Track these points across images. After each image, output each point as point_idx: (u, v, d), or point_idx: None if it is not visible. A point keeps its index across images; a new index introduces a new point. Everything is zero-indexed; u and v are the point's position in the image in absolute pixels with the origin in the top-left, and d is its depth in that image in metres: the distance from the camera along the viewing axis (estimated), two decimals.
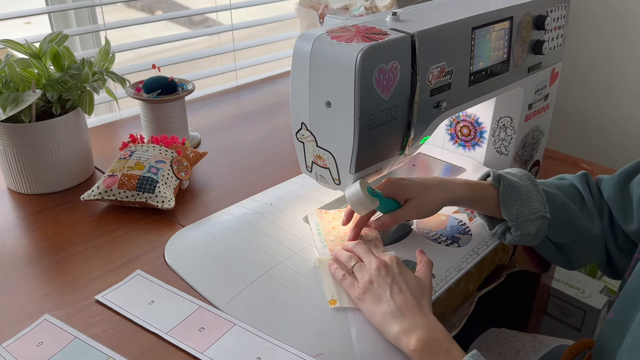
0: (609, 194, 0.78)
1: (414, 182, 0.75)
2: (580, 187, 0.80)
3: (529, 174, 0.78)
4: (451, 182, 0.76)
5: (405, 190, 0.74)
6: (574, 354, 0.85)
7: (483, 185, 0.77)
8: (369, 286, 0.65)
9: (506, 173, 0.78)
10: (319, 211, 0.85)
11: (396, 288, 0.64)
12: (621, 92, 1.60)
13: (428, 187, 0.75)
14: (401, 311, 0.62)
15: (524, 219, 0.74)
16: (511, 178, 0.76)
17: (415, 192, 0.74)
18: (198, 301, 0.68)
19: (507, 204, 0.75)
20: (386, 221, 0.75)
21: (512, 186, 0.75)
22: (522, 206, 0.74)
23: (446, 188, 0.75)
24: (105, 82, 0.92)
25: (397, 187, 0.74)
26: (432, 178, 0.77)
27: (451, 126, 1.00)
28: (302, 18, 1.31)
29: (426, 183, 0.75)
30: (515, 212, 0.74)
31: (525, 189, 0.75)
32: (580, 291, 1.38)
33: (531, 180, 0.77)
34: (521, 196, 0.74)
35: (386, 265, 0.66)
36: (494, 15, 0.78)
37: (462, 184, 0.76)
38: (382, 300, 0.63)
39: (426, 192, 0.74)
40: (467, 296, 0.81)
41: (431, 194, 0.74)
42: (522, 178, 0.77)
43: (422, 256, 0.71)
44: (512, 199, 0.74)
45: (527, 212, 0.74)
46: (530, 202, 0.74)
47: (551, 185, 0.80)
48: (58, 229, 0.83)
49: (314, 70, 0.67)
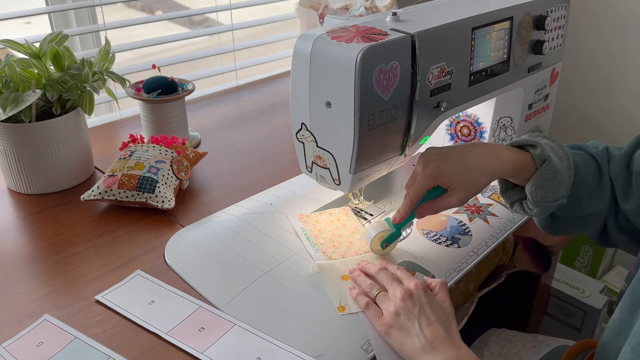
0: (614, 171, 0.75)
1: (453, 167, 0.70)
2: (601, 162, 0.76)
3: (568, 154, 0.74)
4: (496, 160, 0.71)
5: (444, 179, 0.70)
6: (575, 355, 0.85)
7: (526, 165, 0.72)
8: (396, 319, 0.63)
9: (552, 151, 0.72)
10: (300, 215, 0.84)
11: (424, 319, 0.62)
12: (621, 92, 1.60)
13: (468, 172, 0.70)
14: (432, 345, 0.61)
15: (545, 203, 0.72)
16: (555, 162, 0.71)
17: (456, 180, 0.70)
18: (198, 301, 0.68)
19: (538, 187, 0.71)
20: (426, 211, 0.72)
21: (552, 173, 0.71)
22: (550, 192, 0.71)
23: (488, 170, 0.70)
24: (105, 82, 0.91)
25: (436, 179, 0.70)
26: (476, 154, 0.71)
27: (451, 126, 1.00)
28: (302, 18, 1.31)
29: (467, 167, 0.70)
30: (541, 195, 0.71)
31: (561, 176, 0.71)
32: (580, 291, 1.38)
33: (569, 162, 0.73)
34: (554, 183, 0.71)
35: (411, 295, 0.65)
36: (494, 16, 0.78)
37: (508, 163, 0.71)
38: (411, 334, 0.62)
39: (467, 179, 0.70)
40: (468, 296, 0.81)
41: (472, 181, 0.70)
42: (562, 159, 0.73)
43: (433, 281, 0.69)
44: (545, 184, 0.71)
45: (551, 197, 0.71)
46: (559, 189, 0.71)
47: (577, 159, 0.76)
48: (58, 229, 0.83)
49: (314, 71, 0.67)
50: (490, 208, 0.89)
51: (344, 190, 0.74)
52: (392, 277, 0.69)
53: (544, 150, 0.72)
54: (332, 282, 0.72)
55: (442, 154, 0.71)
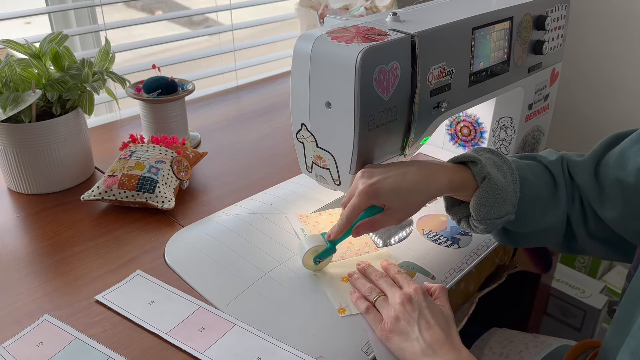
0: (583, 180, 0.73)
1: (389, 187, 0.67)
2: (556, 172, 0.75)
3: (513, 169, 0.72)
4: (433, 180, 0.69)
5: (380, 199, 0.68)
6: (577, 355, 0.85)
7: (465, 182, 0.70)
8: (396, 323, 0.63)
9: (494, 167, 0.71)
10: (300, 216, 0.84)
11: (424, 324, 0.62)
12: (621, 92, 1.60)
13: (405, 192, 0.68)
14: (432, 349, 0.60)
15: (490, 220, 0.70)
16: (496, 179, 0.69)
17: (392, 200, 0.68)
18: (198, 301, 0.68)
19: (480, 204, 0.69)
20: (362, 229, 0.70)
21: (494, 189, 0.69)
22: (494, 209, 0.69)
23: (425, 190, 0.69)
24: (105, 82, 0.91)
25: (372, 199, 0.68)
26: (412, 173, 0.69)
27: (451, 126, 1.00)
28: (302, 18, 1.31)
29: (403, 187, 0.68)
30: (484, 213, 0.70)
31: (505, 191, 0.70)
32: (580, 291, 1.38)
33: (514, 177, 0.71)
34: (497, 199, 0.69)
35: (411, 299, 0.65)
36: (494, 16, 0.78)
37: (444, 181, 0.69)
38: (411, 338, 0.62)
39: (403, 199, 0.68)
40: (468, 296, 0.81)
41: (408, 201, 0.69)
42: (507, 175, 0.71)
43: (432, 285, 0.69)
44: (488, 201, 0.69)
45: (496, 214, 0.70)
46: (503, 205, 0.70)
47: (527, 172, 0.74)
48: (58, 229, 0.83)
49: (314, 71, 0.67)
50: None
51: (344, 191, 0.74)
52: (392, 282, 0.69)
53: (483, 167, 0.70)
54: (332, 284, 0.71)
55: (378, 172, 0.69)
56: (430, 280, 0.74)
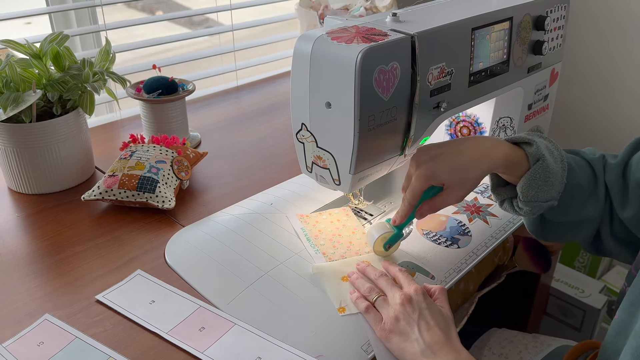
0: (610, 178, 0.75)
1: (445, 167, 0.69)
2: (597, 169, 0.76)
3: (563, 156, 0.73)
4: (489, 155, 0.70)
5: (439, 179, 0.70)
6: (577, 355, 0.85)
7: (519, 161, 0.71)
8: (395, 323, 0.64)
9: (547, 151, 0.72)
10: (300, 216, 0.85)
11: (424, 324, 0.63)
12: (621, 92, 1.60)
13: (462, 170, 0.69)
14: (432, 349, 0.61)
15: (536, 202, 0.71)
16: (549, 162, 0.70)
17: (451, 179, 0.69)
18: (198, 301, 0.69)
19: (530, 185, 0.70)
20: (425, 210, 0.72)
21: (545, 172, 0.70)
22: (542, 191, 0.71)
23: (482, 166, 0.70)
24: (105, 82, 0.92)
25: (430, 180, 0.69)
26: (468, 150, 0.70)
27: (451, 126, 1.00)
28: (302, 18, 1.31)
29: (460, 164, 0.69)
30: (532, 195, 0.71)
31: (554, 176, 0.71)
32: (580, 291, 1.38)
33: (563, 164, 0.72)
34: (547, 183, 0.70)
35: (411, 300, 0.65)
36: (493, 16, 0.78)
37: (499, 156, 0.70)
38: (411, 339, 0.62)
39: (461, 177, 0.69)
40: (467, 296, 0.81)
41: (467, 177, 0.70)
42: (557, 160, 0.72)
43: (432, 287, 0.69)
44: (537, 183, 0.70)
45: (542, 197, 0.71)
46: (551, 190, 0.71)
47: (572, 162, 0.75)
48: (58, 229, 0.83)
49: (314, 71, 0.67)
50: (490, 208, 0.89)
51: (344, 191, 0.74)
52: (391, 282, 0.69)
53: (539, 149, 0.71)
54: (332, 283, 0.72)
55: (434, 154, 0.70)
56: (430, 280, 0.74)
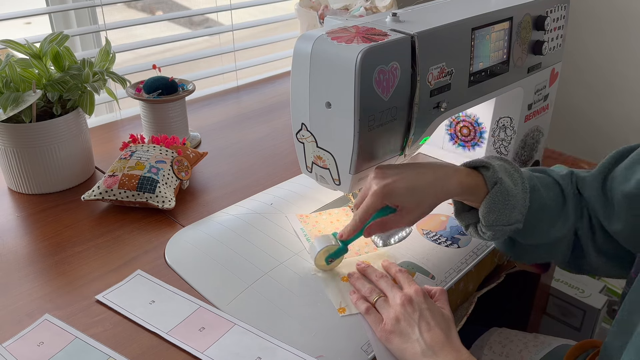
0: (590, 193, 0.74)
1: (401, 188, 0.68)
2: (565, 186, 0.75)
3: (523, 177, 0.73)
4: (445, 182, 0.70)
5: (393, 199, 0.69)
6: (577, 355, 0.85)
7: (476, 185, 0.71)
8: (396, 324, 0.64)
9: (505, 174, 0.72)
10: (300, 216, 0.85)
11: (424, 325, 0.63)
12: (621, 92, 1.60)
13: (417, 193, 0.69)
14: (433, 350, 0.61)
15: (498, 227, 0.71)
16: (507, 185, 0.70)
17: (405, 201, 0.69)
18: (198, 301, 0.69)
19: (490, 210, 0.70)
20: (374, 229, 0.71)
21: (504, 195, 0.70)
22: (503, 215, 0.70)
23: (437, 192, 0.70)
24: (105, 83, 0.92)
25: (385, 198, 0.68)
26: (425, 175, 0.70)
27: (451, 126, 1.00)
28: (302, 18, 1.31)
29: (416, 188, 0.69)
30: (493, 219, 0.70)
31: (515, 199, 0.70)
32: (580, 291, 1.38)
33: (524, 185, 0.72)
34: (507, 206, 0.70)
35: (411, 301, 0.65)
36: (493, 16, 0.78)
37: (455, 184, 0.70)
38: (412, 340, 0.62)
39: (416, 200, 0.69)
40: (467, 296, 0.81)
41: (421, 202, 0.69)
42: (517, 182, 0.72)
43: (432, 288, 0.69)
44: (497, 207, 0.70)
45: (504, 221, 0.70)
46: (512, 213, 0.70)
47: (537, 183, 0.75)
48: (58, 229, 0.83)
49: (314, 71, 0.67)
50: None
51: (344, 191, 0.74)
52: (392, 283, 0.69)
53: (495, 173, 0.70)
54: (332, 283, 0.72)
55: (393, 173, 0.69)
56: (430, 280, 0.74)
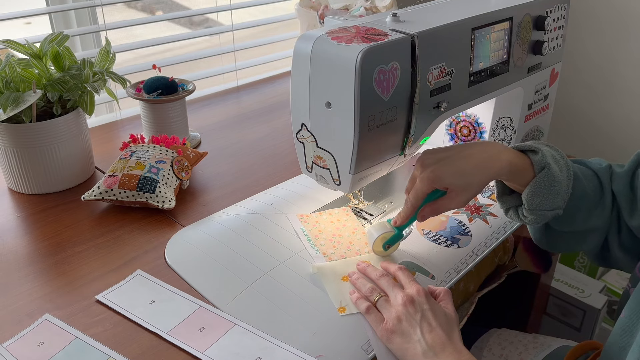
0: (618, 187, 0.74)
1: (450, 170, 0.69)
2: (603, 179, 0.76)
3: (568, 164, 0.73)
4: (494, 162, 0.70)
5: (443, 182, 0.69)
6: (577, 356, 0.85)
7: (524, 168, 0.71)
8: (397, 324, 0.63)
9: (553, 159, 0.72)
10: (300, 216, 0.85)
11: (426, 326, 0.63)
12: (621, 92, 1.60)
13: (466, 175, 0.69)
14: (434, 350, 0.61)
15: (541, 211, 0.71)
16: (554, 170, 0.71)
17: (455, 183, 0.69)
18: (198, 301, 0.69)
19: (535, 194, 0.71)
20: (427, 213, 0.72)
21: (550, 180, 0.70)
22: (547, 200, 0.71)
23: (486, 172, 0.70)
24: (105, 83, 0.92)
25: (434, 182, 0.69)
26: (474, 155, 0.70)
27: (451, 126, 1.00)
28: (302, 18, 1.31)
29: (464, 169, 0.69)
30: (537, 203, 0.71)
31: (559, 185, 0.71)
32: (580, 291, 1.38)
33: (568, 172, 0.72)
34: (552, 191, 0.70)
35: (413, 301, 0.65)
36: (493, 16, 0.78)
37: (504, 163, 0.70)
38: (413, 340, 0.62)
39: (465, 182, 0.69)
40: (467, 296, 0.81)
41: (471, 182, 0.70)
42: (562, 169, 0.72)
43: (437, 288, 0.70)
44: (542, 192, 0.70)
45: (547, 206, 0.71)
46: (556, 199, 0.71)
47: (578, 172, 0.75)
48: (58, 229, 0.83)
49: (314, 71, 0.67)
50: (490, 208, 0.89)
51: (344, 191, 0.74)
52: (393, 282, 0.69)
53: (544, 157, 0.71)
54: (332, 283, 0.72)
55: (440, 157, 0.70)
56: (430, 280, 0.74)
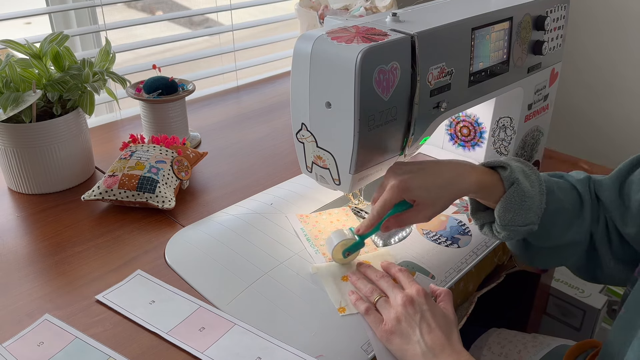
0: (607, 197, 0.74)
1: (419, 183, 0.69)
2: (582, 191, 0.76)
3: (541, 180, 0.73)
4: (462, 177, 0.71)
5: (411, 194, 0.70)
6: (576, 355, 0.85)
7: (493, 185, 0.71)
8: (397, 325, 0.63)
9: (522, 175, 0.72)
10: (300, 216, 0.85)
11: (425, 327, 0.63)
12: (620, 92, 1.60)
13: (435, 189, 0.70)
14: (433, 352, 0.61)
15: (513, 227, 0.71)
16: (524, 186, 0.71)
17: (423, 196, 0.69)
18: (198, 301, 0.69)
19: (506, 209, 0.70)
20: (391, 224, 0.72)
21: (521, 195, 0.70)
22: (518, 215, 0.70)
23: (455, 189, 0.70)
24: (105, 83, 0.92)
25: (402, 193, 0.69)
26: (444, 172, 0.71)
27: (451, 126, 1.00)
28: (302, 18, 1.31)
29: (434, 184, 0.70)
30: (509, 219, 0.70)
31: (531, 200, 0.71)
32: (580, 291, 1.38)
33: (540, 188, 0.72)
34: (524, 207, 0.70)
35: (412, 301, 0.65)
36: (493, 16, 0.78)
37: (472, 181, 0.71)
38: (412, 341, 0.62)
39: (433, 196, 0.70)
40: (467, 296, 0.81)
41: (438, 197, 0.70)
42: (534, 184, 0.72)
43: (438, 288, 0.70)
44: (513, 207, 0.70)
45: (520, 221, 0.71)
46: (528, 214, 0.71)
47: (554, 186, 0.75)
48: (58, 229, 0.83)
49: (314, 71, 0.67)
50: None
51: (344, 191, 0.74)
52: (393, 283, 0.69)
53: (512, 172, 0.71)
54: (331, 283, 0.72)
55: (411, 169, 0.70)
56: (430, 280, 0.74)
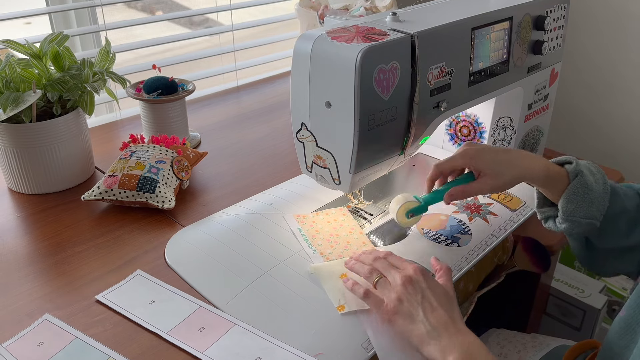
0: None
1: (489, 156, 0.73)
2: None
3: (605, 179, 0.75)
4: (531, 161, 0.74)
5: (477, 162, 0.73)
6: (576, 355, 0.85)
7: (560, 173, 0.74)
8: (399, 305, 0.64)
9: (588, 170, 0.74)
10: (297, 216, 0.85)
11: (428, 305, 0.63)
12: (620, 92, 1.60)
13: (501, 163, 0.73)
14: (438, 331, 0.61)
15: (575, 218, 0.72)
16: (588, 178, 0.73)
17: (487, 167, 0.72)
18: (198, 301, 0.69)
19: (569, 200, 0.72)
20: (457, 194, 0.74)
21: (584, 187, 0.72)
22: (581, 208, 0.72)
23: (521, 167, 0.73)
24: (105, 83, 0.92)
25: (471, 160, 0.73)
26: (514, 153, 0.75)
27: (451, 126, 1.00)
28: (302, 18, 1.31)
29: (501, 159, 0.73)
30: (571, 209, 0.72)
31: (594, 194, 0.72)
32: (580, 291, 1.38)
33: (605, 186, 0.74)
34: (586, 199, 0.72)
35: (412, 280, 0.65)
36: (493, 16, 0.78)
37: (541, 166, 0.73)
38: (417, 320, 0.62)
39: (498, 169, 0.73)
40: (467, 296, 0.81)
41: (503, 172, 0.73)
42: (598, 181, 0.74)
43: (439, 264, 0.70)
44: (576, 198, 0.72)
45: (582, 214, 0.72)
46: (591, 207, 0.72)
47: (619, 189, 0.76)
48: (58, 229, 0.83)
49: (314, 71, 0.67)
50: (490, 207, 0.89)
51: (344, 190, 0.74)
52: (389, 264, 0.69)
53: (578, 166, 0.74)
54: (330, 282, 0.72)
55: (485, 147, 0.75)
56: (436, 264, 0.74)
